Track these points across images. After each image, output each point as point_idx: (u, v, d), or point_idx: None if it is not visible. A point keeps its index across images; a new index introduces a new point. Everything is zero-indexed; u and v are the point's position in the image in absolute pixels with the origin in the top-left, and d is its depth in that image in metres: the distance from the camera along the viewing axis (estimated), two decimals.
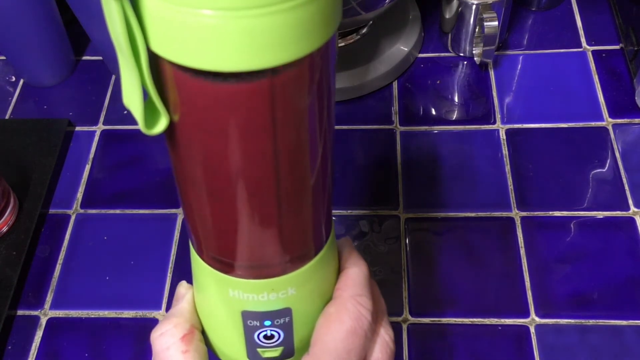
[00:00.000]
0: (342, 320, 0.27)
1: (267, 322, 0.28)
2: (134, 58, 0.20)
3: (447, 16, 0.62)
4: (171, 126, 0.22)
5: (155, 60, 0.21)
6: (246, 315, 0.27)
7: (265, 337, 0.28)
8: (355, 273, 0.29)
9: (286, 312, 0.28)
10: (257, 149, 0.22)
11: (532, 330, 0.48)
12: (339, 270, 0.30)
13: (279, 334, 0.28)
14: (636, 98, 0.58)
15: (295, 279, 0.27)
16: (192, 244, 0.28)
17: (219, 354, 0.31)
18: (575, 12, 0.67)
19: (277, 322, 0.28)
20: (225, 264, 0.27)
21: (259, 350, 0.29)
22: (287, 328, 0.28)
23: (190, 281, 0.32)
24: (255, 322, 0.28)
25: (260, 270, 0.26)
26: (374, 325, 0.28)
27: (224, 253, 0.26)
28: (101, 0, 0.19)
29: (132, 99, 0.21)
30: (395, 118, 0.60)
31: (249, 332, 0.28)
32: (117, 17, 0.19)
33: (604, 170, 0.55)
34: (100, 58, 0.67)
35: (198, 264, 0.28)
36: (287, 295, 0.27)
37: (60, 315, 0.51)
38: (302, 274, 0.27)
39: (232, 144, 0.21)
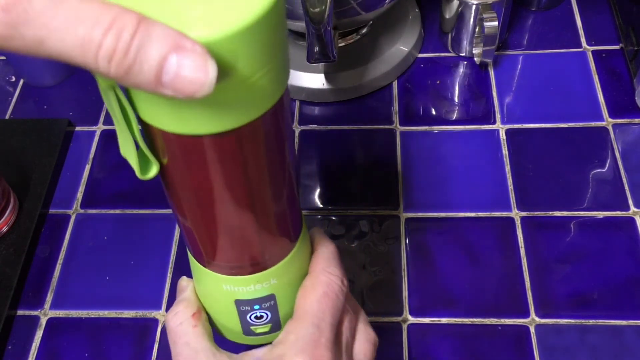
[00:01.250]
0: (315, 289, 0.33)
1: (256, 307, 0.34)
2: (127, 125, 0.25)
3: (447, 16, 0.62)
4: (162, 168, 0.27)
5: (145, 123, 0.25)
6: (238, 303, 0.34)
7: (256, 317, 0.34)
8: (324, 252, 0.35)
9: (271, 297, 0.34)
10: (232, 181, 0.27)
11: (532, 330, 0.48)
12: (312, 253, 0.36)
13: (267, 314, 0.34)
14: (636, 98, 0.58)
15: (275, 272, 0.33)
16: (189, 251, 0.33)
17: (221, 331, 0.37)
18: (575, 12, 0.67)
19: (264, 305, 0.34)
20: (218, 266, 0.32)
21: (252, 327, 0.35)
22: (273, 309, 0.34)
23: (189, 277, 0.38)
24: (246, 307, 0.34)
25: (246, 269, 0.32)
26: (344, 289, 0.34)
27: (217, 259, 0.32)
28: (97, 80, 0.23)
29: (127, 152, 0.26)
30: (395, 118, 0.60)
31: (242, 315, 0.34)
32: (112, 99, 0.23)
33: (604, 170, 0.55)
34: None
35: (196, 265, 0.34)
36: (270, 284, 0.33)
37: (60, 315, 0.51)
38: (280, 267, 0.33)
39: (212, 179, 0.26)
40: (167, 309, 0.51)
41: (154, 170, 0.27)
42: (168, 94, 0.20)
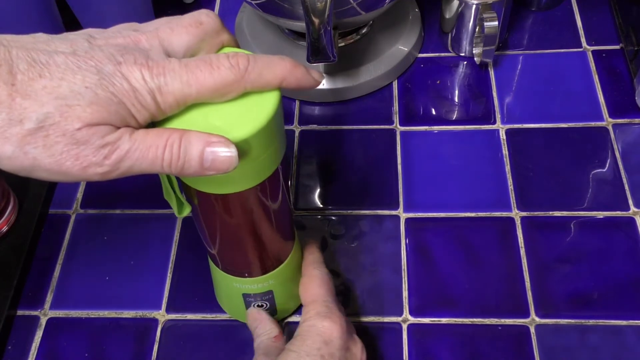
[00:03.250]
0: (314, 280, 0.45)
1: (258, 299, 0.46)
2: (170, 185, 0.37)
3: (447, 16, 0.62)
4: (193, 208, 0.38)
5: (184, 184, 0.36)
6: (245, 296, 0.46)
7: (258, 306, 0.47)
8: (312, 257, 0.47)
9: (269, 293, 0.46)
10: (242, 218, 0.38)
11: (532, 330, 0.48)
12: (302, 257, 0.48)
13: (266, 304, 0.47)
14: (636, 98, 0.58)
15: (273, 275, 0.44)
16: (210, 257, 0.45)
17: (231, 313, 0.49)
18: (575, 12, 0.67)
19: (264, 298, 0.46)
20: (230, 271, 0.44)
21: None
22: (271, 301, 0.46)
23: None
24: (251, 299, 0.46)
25: (251, 273, 0.44)
26: (332, 279, 0.46)
27: (230, 266, 0.44)
28: None
29: (169, 198, 0.37)
30: (395, 118, 0.60)
31: (247, 304, 0.47)
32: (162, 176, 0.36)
33: (604, 170, 0.55)
34: None
35: (214, 268, 0.45)
36: (269, 284, 0.45)
37: (60, 315, 0.51)
38: (277, 272, 0.45)
39: (228, 217, 0.38)
40: (167, 308, 0.51)
41: (187, 211, 0.38)
42: (212, 174, 0.31)
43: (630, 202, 0.53)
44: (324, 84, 0.61)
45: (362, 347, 0.43)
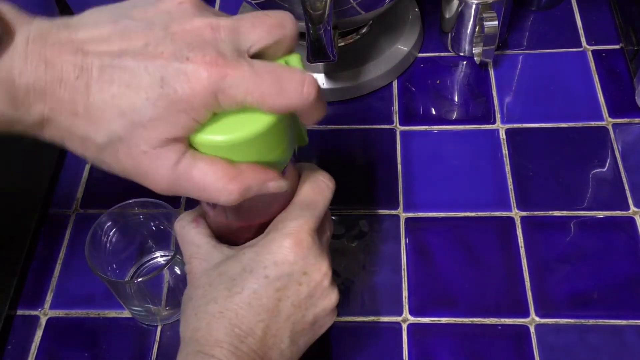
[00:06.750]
0: (311, 183, 0.40)
1: None
2: None
3: (447, 16, 0.62)
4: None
5: None
6: None
7: None
8: (315, 167, 0.41)
9: None
10: (248, 215, 0.39)
11: (532, 330, 0.48)
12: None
13: None
14: (636, 98, 0.58)
15: None
16: None
17: None
18: (575, 12, 0.67)
19: None
20: None
21: None
22: None
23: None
24: None
25: None
26: (332, 191, 0.40)
27: None
28: None
29: None
30: (395, 118, 0.60)
31: None
32: None
33: (604, 170, 0.55)
34: None
35: None
36: None
37: (60, 315, 0.51)
38: None
39: (233, 214, 0.39)
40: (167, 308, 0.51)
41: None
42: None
43: (630, 202, 0.53)
44: (324, 84, 0.61)
45: (324, 272, 0.38)
